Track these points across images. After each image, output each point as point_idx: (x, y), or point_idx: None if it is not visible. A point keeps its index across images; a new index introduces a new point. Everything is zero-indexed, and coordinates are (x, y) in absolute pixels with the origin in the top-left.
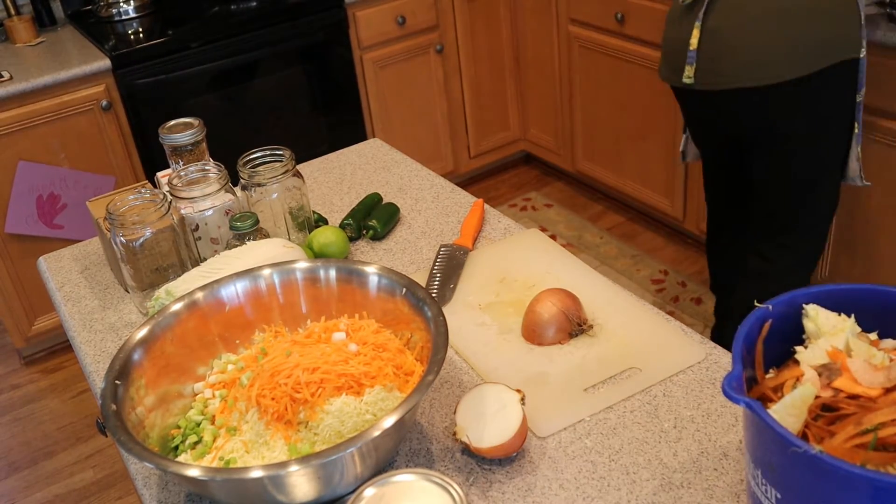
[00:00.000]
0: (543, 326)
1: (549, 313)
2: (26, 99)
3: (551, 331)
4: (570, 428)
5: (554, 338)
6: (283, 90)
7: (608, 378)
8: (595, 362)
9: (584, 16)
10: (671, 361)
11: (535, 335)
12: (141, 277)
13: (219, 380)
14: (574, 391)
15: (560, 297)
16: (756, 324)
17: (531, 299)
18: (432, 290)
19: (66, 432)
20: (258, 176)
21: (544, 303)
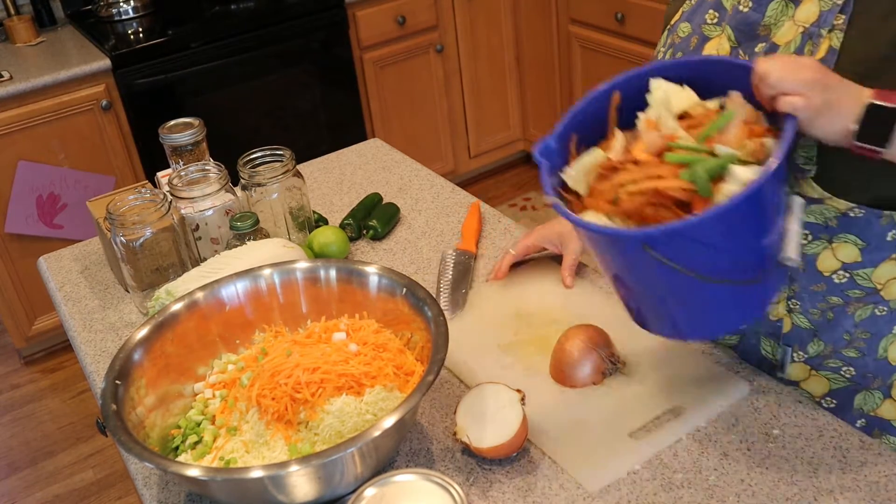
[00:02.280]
0: (575, 367)
1: (580, 352)
2: (26, 99)
3: (584, 371)
4: (623, 480)
5: (587, 378)
6: (283, 90)
7: (651, 420)
8: (635, 403)
9: (584, 16)
10: (714, 398)
11: (567, 376)
12: (141, 277)
13: (219, 380)
14: (619, 437)
15: (590, 334)
16: (597, 99)
17: (554, 337)
18: (443, 298)
19: (66, 432)
20: (258, 176)
21: (573, 341)
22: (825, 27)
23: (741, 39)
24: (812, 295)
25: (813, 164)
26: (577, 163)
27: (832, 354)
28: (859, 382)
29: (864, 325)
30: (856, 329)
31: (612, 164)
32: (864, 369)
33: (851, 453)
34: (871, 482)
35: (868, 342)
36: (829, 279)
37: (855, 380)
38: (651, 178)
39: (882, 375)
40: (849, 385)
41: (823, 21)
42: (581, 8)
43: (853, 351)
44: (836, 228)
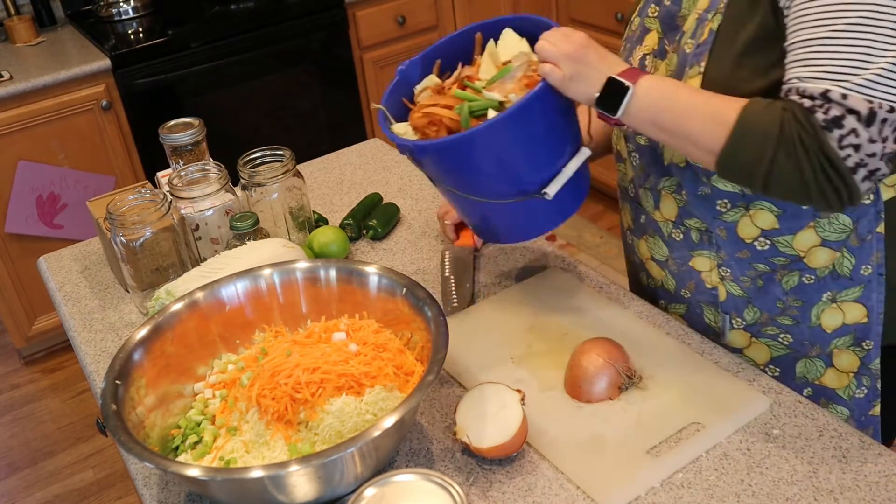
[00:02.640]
0: (591, 382)
1: (596, 366)
2: (26, 99)
3: (600, 386)
4: (642, 499)
5: (604, 393)
6: (283, 90)
7: (670, 436)
8: (653, 419)
9: (584, 16)
10: (734, 414)
11: (583, 392)
12: (141, 277)
13: (219, 380)
14: (637, 454)
15: (605, 347)
16: (463, 35)
17: (568, 350)
18: (452, 296)
19: (66, 432)
20: (258, 176)
21: (589, 355)
22: (711, 11)
23: (665, 31)
24: (739, 262)
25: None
26: (423, 82)
27: (769, 322)
28: (798, 349)
29: (794, 293)
30: (787, 297)
31: (440, 87)
32: (801, 336)
33: (851, 453)
34: (871, 482)
35: (800, 310)
36: (752, 246)
37: (793, 347)
38: (436, 106)
39: (819, 343)
40: (788, 352)
41: (712, 6)
42: (581, 8)
43: (787, 318)
44: (752, 196)
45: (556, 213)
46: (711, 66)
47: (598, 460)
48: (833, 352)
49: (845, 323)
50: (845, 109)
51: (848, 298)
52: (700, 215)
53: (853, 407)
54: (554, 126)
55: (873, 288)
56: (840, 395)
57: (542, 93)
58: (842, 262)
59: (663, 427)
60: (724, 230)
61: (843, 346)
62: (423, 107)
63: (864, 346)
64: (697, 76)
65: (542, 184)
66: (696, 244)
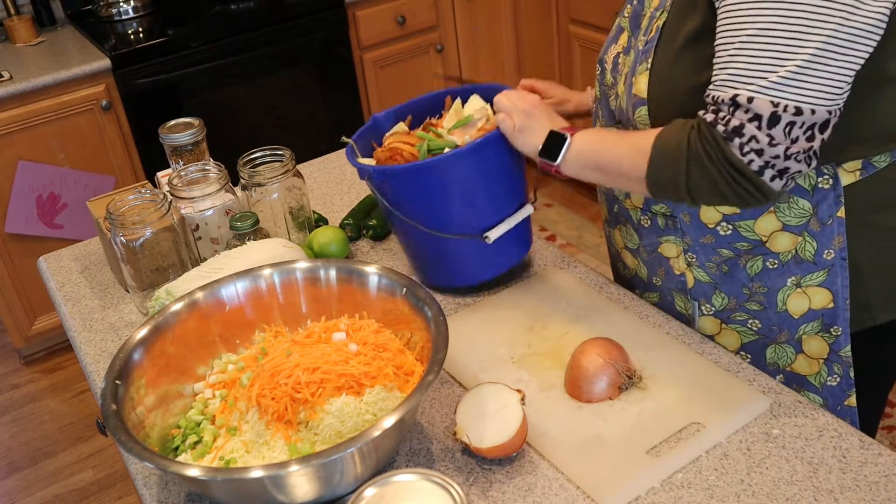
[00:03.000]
0: (591, 381)
1: (596, 366)
2: (26, 99)
3: (600, 386)
4: (642, 499)
5: (604, 393)
6: (283, 90)
7: (670, 436)
8: (653, 419)
9: (584, 15)
10: (734, 414)
11: (583, 392)
12: (141, 277)
13: (219, 380)
14: (636, 454)
15: (605, 347)
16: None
17: (568, 350)
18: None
19: (66, 432)
20: (258, 176)
21: (589, 355)
22: (660, 9)
23: (633, 29)
24: (704, 248)
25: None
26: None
27: (737, 307)
28: (767, 335)
29: (759, 279)
30: (752, 283)
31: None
32: (769, 322)
33: (851, 453)
34: (871, 482)
35: (766, 295)
36: (715, 231)
37: (762, 333)
38: (400, 142)
39: (788, 329)
40: (758, 338)
41: (661, 5)
42: (581, 8)
43: (755, 304)
44: None
45: (493, 263)
46: (656, 63)
47: (598, 460)
48: (802, 338)
49: (812, 308)
50: (747, 117)
51: (812, 283)
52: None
53: (826, 395)
54: (502, 175)
55: (837, 272)
56: (811, 382)
57: (494, 139)
58: (804, 246)
59: (663, 427)
60: (688, 215)
61: (811, 332)
62: (388, 144)
63: (833, 332)
64: (645, 72)
65: (485, 228)
66: (662, 230)
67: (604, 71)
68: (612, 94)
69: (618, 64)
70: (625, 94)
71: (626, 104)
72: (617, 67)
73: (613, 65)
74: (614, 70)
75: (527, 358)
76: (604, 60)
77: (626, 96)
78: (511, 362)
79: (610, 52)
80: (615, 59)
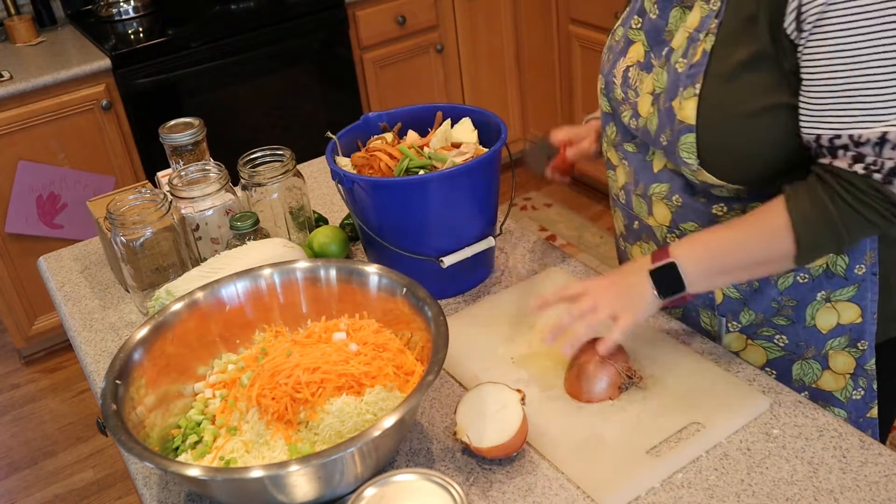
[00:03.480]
0: (592, 381)
1: (596, 366)
2: (26, 99)
3: (600, 386)
4: (642, 499)
5: (604, 393)
6: (284, 90)
7: (670, 436)
8: (653, 419)
9: (584, 15)
10: (734, 414)
11: (583, 392)
12: (141, 277)
13: (219, 380)
14: (636, 454)
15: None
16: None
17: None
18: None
19: (66, 432)
20: (258, 176)
21: (589, 355)
22: (703, 31)
23: (652, 44)
24: None
25: (695, 158)
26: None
27: (764, 323)
28: (794, 351)
29: (788, 293)
30: (781, 297)
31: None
32: (797, 338)
33: (851, 453)
34: (871, 482)
35: (795, 310)
36: None
37: (789, 349)
38: (382, 151)
39: (815, 344)
40: (784, 354)
41: (702, 26)
42: (581, 8)
43: (783, 319)
44: (748, 198)
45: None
46: (707, 88)
47: (598, 460)
48: (829, 353)
49: (840, 323)
50: None
51: (842, 298)
52: (696, 219)
53: (850, 409)
54: (470, 204)
55: (867, 287)
56: (837, 398)
57: (466, 170)
58: (835, 261)
59: (663, 427)
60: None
61: (838, 347)
62: (370, 148)
63: (860, 346)
64: (692, 97)
65: (441, 252)
66: None
67: (610, 85)
68: (626, 111)
69: (629, 78)
70: (654, 115)
71: (654, 126)
72: (628, 82)
73: (623, 79)
74: (625, 85)
75: (527, 358)
76: (611, 74)
77: (655, 118)
78: (511, 362)
79: (618, 67)
80: (625, 74)
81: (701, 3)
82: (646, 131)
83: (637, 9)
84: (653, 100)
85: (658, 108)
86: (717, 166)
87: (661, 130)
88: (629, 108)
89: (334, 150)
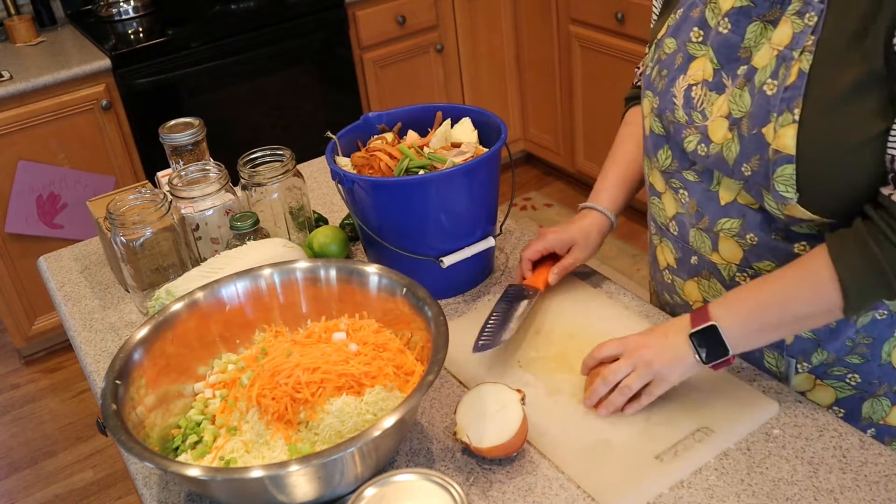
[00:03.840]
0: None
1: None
2: (26, 99)
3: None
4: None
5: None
6: (284, 90)
7: (678, 442)
8: (661, 425)
9: (584, 15)
10: (744, 419)
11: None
12: (141, 277)
13: (219, 380)
14: (645, 460)
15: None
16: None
17: (574, 353)
18: (484, 332)
19: (66, 432)
20: (258, 176)
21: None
22: (797, 49)
23: (723, 62)
24: None
25: (794, 191)
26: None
27: (836, 362)
28: (865, 390)
29: (865, 330)
30: (857, 334)
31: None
32: (870, 376)
33: (851, 453)
34: (871, 482)
35: (871, 347)
36: None
37: (861, 387)
38: (382, 151)
39: (888, 381)
40: (855, 393)
41: (796, 43)
42: (581, 8)
43: (857, 357)
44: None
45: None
46: (808, 114)
47: (605, 466)
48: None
49: None
50: None
51: None
52: (773, 258)
53: None
54: (470, 205)
55: None
56: None
57: (465, 170)
58: None
59: (671, 433)
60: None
61: None
62: (370, 148)
63: None
64: (791, 124)
65: (441, 252)
66: None
67: (668, 105)
68: (691, 135)
69: (692, 99)
70: (733, 142)
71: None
72: (691, 103)
73: (686, 99)
74: (687, 105)
75: (534, 361)
76: (670, 93)
77: (735, 145)
78: (517, 365)
79: (679, 84)
80: (687, 93)
81: (792, 18)
82: (719, 159)
83: (695, 19)
84: (730, 124)
85: (739, 135)
86: (817, 200)
87: (745, 159)
88: (695, 133)
89: (334, 150)
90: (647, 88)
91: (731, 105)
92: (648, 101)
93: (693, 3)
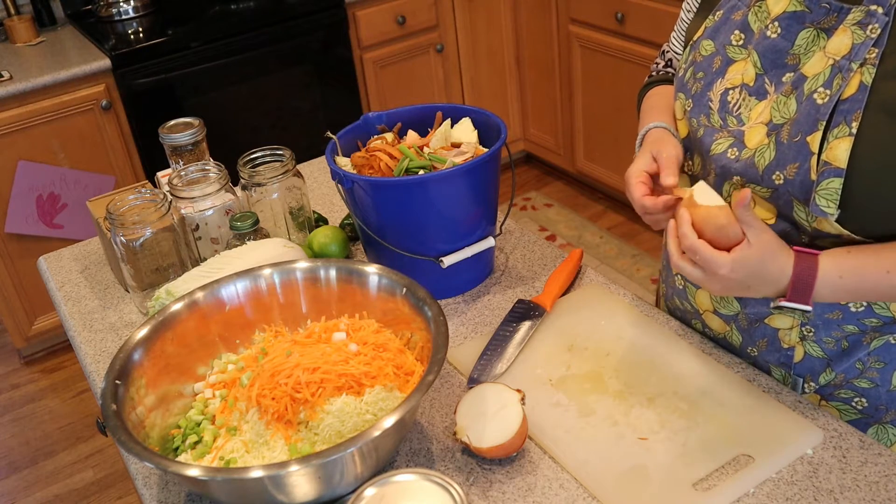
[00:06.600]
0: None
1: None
2: (26, 99)
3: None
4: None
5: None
6: (284, 90)
7: (717, 469)
8: (699, 450)
9: (584, 15)
10: (786, 445)
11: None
12: (141, 277)
13: (219, 380)
14: (682, 488)
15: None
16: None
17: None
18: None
19: (66, 432)
20: (258, 176)
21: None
22: (857, 61)
23: (767, 67)
24: (827, 323)
25: (835, 206)
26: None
27: (844, 384)
28: (871, 415)
29: (877, 354)
30: (869, 357)
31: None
32: (877, 401)
33: (851, 453)
34: (871, 482)
35: (881, 371)
36: (846, 308)
37: (867, 412)
38: (382, 151)
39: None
40: (860, 417)
41: (855, 54)
42: (581, 8)
43: (865, 381)
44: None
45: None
46: (867, 128)
47: (640, 493)
48: None
49: None
50: None
51: None
52: None
53: None
54: (470, 205)
55: None
56: None
57: (466, 170)
58: None
59: (710, 459)
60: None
61: None
62: (370, 148)
63: None
64: (846, 137)
65: (441, 252)
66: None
67: (702, 108)
68: (723, 139)
69: (728, 102)
70: (769, 148)
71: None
72: (727, 107)
73: (722, 103)
74: (723, 109)
75: (566, 379)
76: (706, 97)
77: (771, 151)
78: (549, 384)
79: (716, 88)
80: (723, 97)
81: (853, 28)
82: (749, 165)
83: (737, 22)
84: (768, 130)
85: (777, 141)
86: (860, 217)
87: (780, 167)
88: (727, 137)
89: (334, 150)
90: (679, 91)
91: (773, 111)
92: (681, 104)
93: (735, 6)
